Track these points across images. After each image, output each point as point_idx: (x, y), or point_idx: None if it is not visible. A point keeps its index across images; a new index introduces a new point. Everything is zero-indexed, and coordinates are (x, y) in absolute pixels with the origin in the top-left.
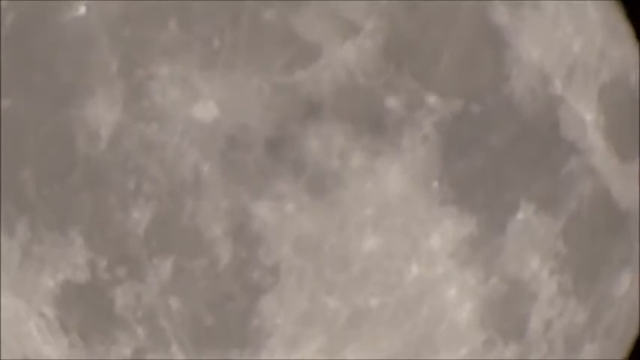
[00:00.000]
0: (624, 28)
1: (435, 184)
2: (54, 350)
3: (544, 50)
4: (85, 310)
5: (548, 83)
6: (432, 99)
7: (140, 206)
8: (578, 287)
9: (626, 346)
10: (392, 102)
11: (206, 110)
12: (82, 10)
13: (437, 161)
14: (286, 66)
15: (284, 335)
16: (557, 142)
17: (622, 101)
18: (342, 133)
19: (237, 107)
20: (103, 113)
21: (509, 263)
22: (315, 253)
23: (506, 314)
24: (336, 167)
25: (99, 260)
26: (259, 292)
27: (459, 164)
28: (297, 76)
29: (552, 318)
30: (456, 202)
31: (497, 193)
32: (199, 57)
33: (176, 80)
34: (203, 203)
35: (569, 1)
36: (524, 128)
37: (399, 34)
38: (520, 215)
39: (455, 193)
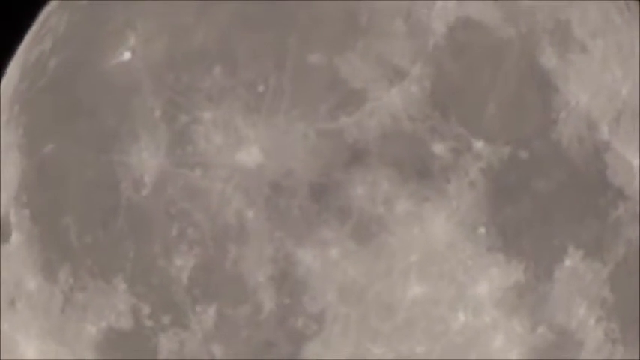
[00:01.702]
0: None
1: (482, 230)
2: None
3: (592, 95)
4: (129, 357)
5: (596, 128)
6: (478, 145)
7: (183, 253)
8: (625, 335)
9: None
10: (438, 148)
11: (250, 156)
12: (127, 55)
13: (484, 207)
14: (331, 111)
15: None
16: (605, 187)
17: None
18: (387, 180)
19: (281, 153)
20: (146, 159)
21: (557, 311)
22: (360, 301)
23: None
24: (381, 213)
25: (142, 307)
26: (303, 340)
27: (506, 210)
28: (342, 121)
29: None
30: (502, 249)
31: (544, 239)
32: (243, 102)
33: (220, 126)
34: (247, 249)
35: (618, 44)
36: (572, 174)
37: (445, 79)
38: (567, 262)
39: (502, 239)
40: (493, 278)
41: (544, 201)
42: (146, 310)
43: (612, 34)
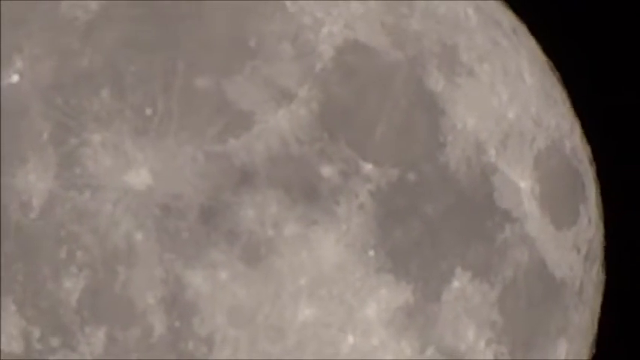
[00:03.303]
0: (559, 93)
1: (371, 252)
2: None
3: (479, 118)
4: None
5: (483, 151)
6: (367, 167)
7: (72, 275)
8: (514, 357)
9: None
10: (327, 170)
11: (139, 178)
12: (15, 78)
13: (373, 230)
14: (219, 134)
15: None
16: (492, 210)
17: (557, 169)
18: (276, 202)
19: (170, 175)
20: (34, 181)
21: (445, 333)
22: (250, 324)
23: None
24: (270, 236)
25: (32, 330)
26: None
27: (395, 233)
28: (230, 144)
29: None
30: (392, 271)
31: (432, 261)
32: (132, 125)
33: (109, 148)
34: (136, 272)
35: (505, 67)
36: (460, 197)
37: (333, 101)
38: (455, 284)
39: (391, 261)
40: (382, 299)
41: (432, 223)
42: (36, 333)
43: (499, 58)
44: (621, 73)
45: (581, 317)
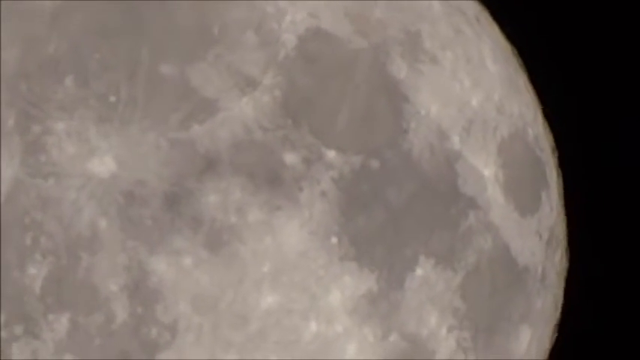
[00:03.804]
0: (523, 81)
1: (334, 239)
2: None
3: (442, 105)
4: None
5: (447, 138)
6: (330, 154)
7: (37, 262)
8: (476, 344)
9: None
10: (290, 157)
11: (103, 165)
12: None
13: (336, 217)
14: (183, 121)
15: None
16: (456, 197)
17: (520, 156)
18: (239, 189)
19: (134, 162)
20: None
21: (408, 320)
22: (213, 310)
23: None
24: (233, 222)
25: None
26: (157, 350)
27: (358, 220)
28: (193, 131)
29: None
30: (355, 258)
31: (396, 248)
32: (96, 112)
33: (73, 136)
34: (99, 259)
35: (468, 55)
36: (423, 184)
37: (296, 89)
38: (419, 271)
39: (354, 249)
40: (345, 287)
41: (395, 210)
42: (1, 320)
43: (462, 46)
44: (585, 61)
45: (544, 303)
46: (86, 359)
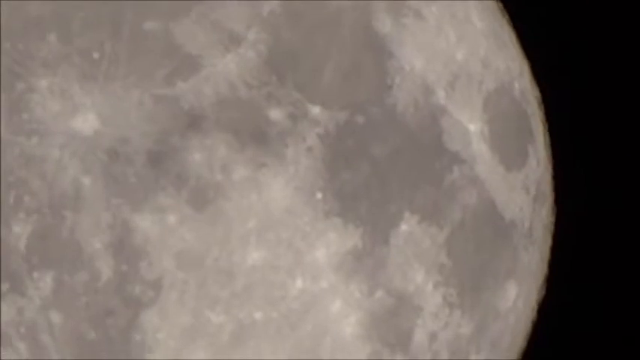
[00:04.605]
0: (509, 36)
1: (319, 195)
2: None
3: (427, 60)
4: None
5: (432, 93)
6: (315, 110)
7: (21, 220)
8: (463, 299)
9: (512, 358)
10: (275, 113)
11: (86, 123)
12: None
13: (321, 173)
14: (167, 78)
15: (167, 350)
16: (441, 152)
17: (506, 111)
18: (224, 146)
19: (118, 120)
20: None
21: (394, 276)
22: (198, 267)
23: (392, 327)
24: (218, 180)
25: None
26: (141, 307)
27: (343, 175)
28: (178, 87)
29: (437, 330)
30: (340, 214)
31: (381, 204)
32: (79, 70)
33: (56, 93)
34: (83, 217)
35: (453, 10)
36: (408, 139)
37: (281, 44)
38: (404, 226)
39: (339, 204)
40: (331, 243)
41: (380, 166)
42: None
43: (447, 1)
44: (572, 16)
45: (531, 258)
46: (71, 317)
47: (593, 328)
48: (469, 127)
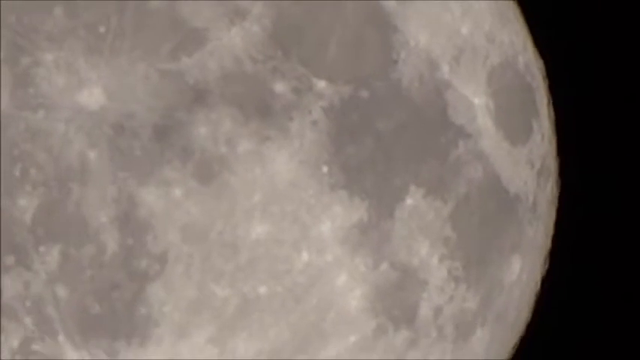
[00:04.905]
0: (512, 10)
1: (325, 169)
2: None
3: (432, 34)
4: None
5: (436, 67)
6: (320, 84)
7: (27, 194)
8: (468, 273)
9: (518, 331)
10: (280, 87)
11: (92, 97)
12: None
13: (326, 146)
14: (172, 52)
15: (172, 324)
16: (446, 126)
17: (511, 85)
18: (229, 119)
19: (123, 94)
20: None
21: (399, 249)
22: (203, 241)
23: (397, 300)
24: (223, 153)
25: None
26: (146, 281)
27: (348, 149)
28: (183, 62)
29: (442, 304)
30: (345, 188)
31: (386, 177)
32: (85, 44)
33: (62, 67)
34: (89, 190)
35: None
36: (413, 113)
37: (286, 18)
38: (409, 200)
39: (344, 178)
40: (336, 217)
41: (385, 140)
42: None
43: None
44: None
45: (535, 232)
46: (77, 290)
47: (596, 302)
48: (474, 100)
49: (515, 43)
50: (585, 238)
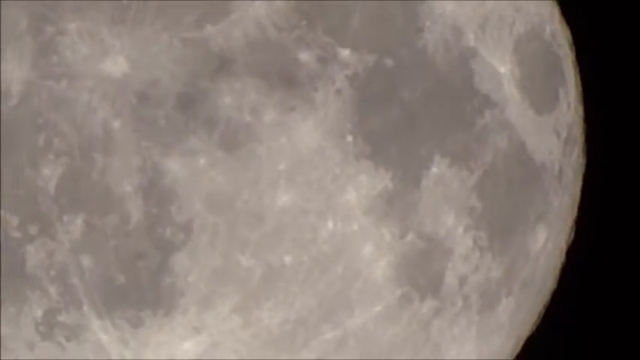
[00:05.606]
0: None
1: (350, 138)
2: None
3: (457, 3)
4: None
5: (462, 35)
6: (345, 53)
7: (50, 163)
8: (493, 243)
9: (543, 300)
10: (304, 56)
11: (116, 66)
12: None
13: (351, 116)
14: (196, 21)
15: (197, 294)
16: (472, 95)
17: (537, 53)
18: (254, 89)
19: (147, 63)
20: (12, 70)
21: (425, 219)
22: (228, 210)
23: (422, 270)
24: (248, 122)
25: (10, 218)
26: (171, 250)
27: (373, 118)
28: (207, 30)
29: (468, 273)
30: (370, 157)
31: (411, 147)
32: (109, 14)
33: (85, 36)
34: (113, 160)
35: None
36: (438, 81)
37: None
38: (434, 169)
39: (369, 147)
40: (361, 186)
41: (410, 109)
42: (14, 221)
43: None
44: None
45: (561, 202)
46: (101, 260)
47: (620, 272)
48: (500, 69)
49: (541, 11)
50: (611, 208)
